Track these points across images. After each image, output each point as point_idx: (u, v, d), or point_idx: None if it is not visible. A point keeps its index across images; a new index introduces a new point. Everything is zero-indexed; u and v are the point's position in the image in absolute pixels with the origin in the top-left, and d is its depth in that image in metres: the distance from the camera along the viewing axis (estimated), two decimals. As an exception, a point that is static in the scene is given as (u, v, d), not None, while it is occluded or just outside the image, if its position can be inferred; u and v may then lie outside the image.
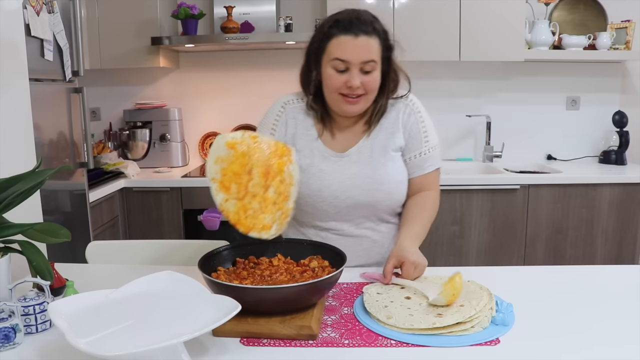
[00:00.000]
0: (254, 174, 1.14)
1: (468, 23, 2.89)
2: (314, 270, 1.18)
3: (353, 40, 1.29)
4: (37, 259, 1.04)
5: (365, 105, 1.36)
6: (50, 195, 2.09)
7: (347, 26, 1.29)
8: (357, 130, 1.42)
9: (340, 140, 1.42)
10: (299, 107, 1.45)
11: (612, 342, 0.97)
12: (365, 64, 1.29)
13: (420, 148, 1.42)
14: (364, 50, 1.29)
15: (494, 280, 1.20)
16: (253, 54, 3.32)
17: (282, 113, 1.45)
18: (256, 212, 1.15)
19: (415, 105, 1.43)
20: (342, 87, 1.31)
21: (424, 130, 1.42)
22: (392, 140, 1.40)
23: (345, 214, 1.39)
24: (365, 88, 1.32)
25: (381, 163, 1.38)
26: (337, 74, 1.31)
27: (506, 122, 3.31)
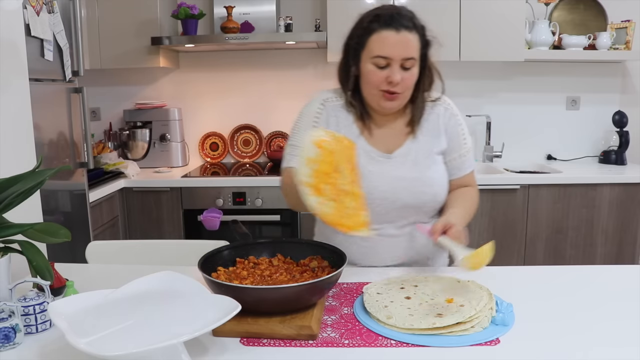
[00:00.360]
0: (341, 170, 1.10)
1: (468, 23, 2.89)
2: (313, 270, 1.18)
3: (395, 35, 1.28)
4: (37, 259, 1.04)
5: (403, 102, 1.36)
6: (50, 195, 2.09)
7: (388, 21, 1.28)
8: (399, 130, 1.42)
9: (382, 139, 1.41)
10: (339, 105, 1.43)
11: (612, 342, 0.97)
12: (406, 60, 1.29)
13: (459, 150, 1.44)
14: (406, 46, 1.29)
15: (494, 280, 1.20)
16: (253, 54, 3.32)
17: (323, 110, 1.42)
18: (354, 210, 1.11)
19: (453, 109, 1.45)
20: (382, 83, 1.31)
21: (463, 132, 1.44)
22: (436, 144, 1.41)
23: (391, 216, 1.38)
24: (404, 85, 1.31)
25: (426, 166, 1.38)
26: (378, 70, 1.30)
27: (506, 122, 3.31)
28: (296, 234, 2.86)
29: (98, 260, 1.59)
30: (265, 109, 3.37)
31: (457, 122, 1.44)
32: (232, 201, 2.83)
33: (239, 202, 2.83)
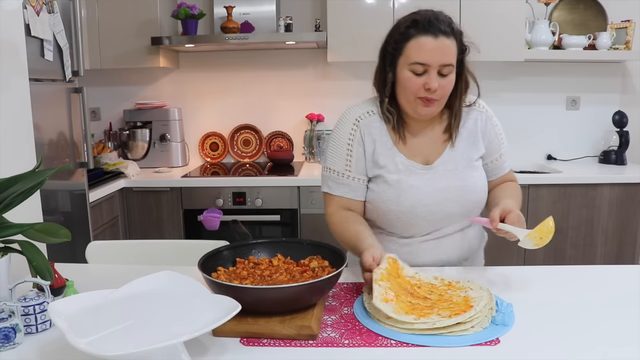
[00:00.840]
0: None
1: (468, 23, 2.87)
2: (314, 270, 1.18)
3: (433, 41, 1.26)
4: (37, 259, 1.04)
5: (439, 108, 1.34)
6: (50, 195, 2.09)
7: (426, 26, 1.26)
8: (436, 138, 1.40)
9: (418, 149, 1.39)
10: (372, 120, 1.39)
11: (612, 342, 0.97)
12: (443, 67, 1.27)
13: (499, 151, 1.45)
14: (443, 52, 1.26)
15: (494, 280, 1.20)
16: (253, 54, 3.32)
17: (356, 130, 1.38)
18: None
19: (488, 112, 1.45)
20: (420, 90, 1.28)
21: (500, 133, 1.45)
22: (474, 151, 1.40)
23: (436, 225, 1.38)
24: (441, 91, 1.29)
25: (467, 174, 1.38)
26: (415, 76, 1.28)
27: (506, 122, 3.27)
28: (296, 234, 2.86)
29: (98, 260, 1.59)
30: (265, 109, 3.37)
31: (493, 124, 1.44)
32: (232, 201, 2.83)
33: (239, 202, 2.83)
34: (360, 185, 1.40)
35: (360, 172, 1.39)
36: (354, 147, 1.38)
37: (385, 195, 1.36)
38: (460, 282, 1.18)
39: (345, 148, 1.39)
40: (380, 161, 1.37)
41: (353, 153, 1.38)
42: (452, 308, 1.04)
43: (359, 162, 1.39)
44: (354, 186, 1.39)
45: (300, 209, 2.83)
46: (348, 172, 1.39)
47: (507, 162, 1.48)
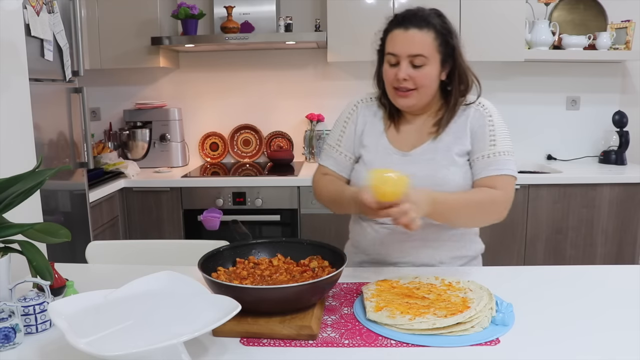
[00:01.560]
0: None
1: (468, 23, 2.89)
2: (314, 270, 1.18)
3: (403, 33, 1.32)
4: (37, 259, 1.04)
5: (417, 100, 1.36)
6: (50, 195, 2.09)
7: (400, 20, 1.33)
8: (424, 130, 1.42)
9: (406, 138, 1.43)
10: (371, 105, 1.48)
11: (612, 342, 0.97)
12: (414, 57, 1.31)
13: (484, 150, 1.36)
14: (412, 43, 1.31)
15: (494, 280, 1.21)
16: (253, 54, 3.32)
17: (355, 111, 1.49)
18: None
19: (486, 110, 1.40)
20: (393, 81, 1.34)
21: (492, 134, 1.37)
22: (457, 145, 1.38)
23: None
24: (415, 82, 1.33)
25: (442, 165, 1.37)
26: (390, 67, 1.35)
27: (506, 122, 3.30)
28: (296, 234, 2.86)
29: (98, 260, 1.59)
30: (265, 109, 3.37)
31: (487, 122, 1.38)
32: (232, 201, 2.83)
33: (239, 202, 2.83)
34: (346, 161, 1.48)
35: (348, 149, 1.48)
36: (348, 125, 1.49)
37: (360, 174, 1.42)
38: (460, 283, 1.18)
39: (342, 125, 1.50)
40: (365, 141, 1.45)
41: (346, 130, 1.49)
42: (449, 308, 1.04)
43: (349, 140, 1.48)
44: (340, 160, 1.48)
45: (300, 209, 2.83)
46: (338, 146, 1.49)
47: (494, 165, 1.34)
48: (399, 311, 1.04)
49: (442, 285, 1.18)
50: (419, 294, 1.13)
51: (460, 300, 1.07)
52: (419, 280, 1.21)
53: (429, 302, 1.08)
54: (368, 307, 1.08)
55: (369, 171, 1.21)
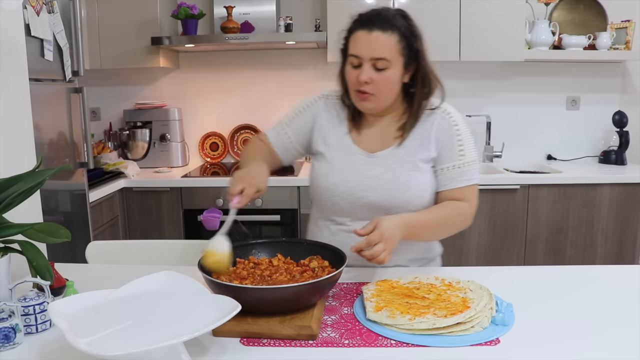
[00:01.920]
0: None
1: (468, 23, 2.89)
2: (313, 270, 1.18)
3: (366, 35, 1.29)
4: (37, 259, 1.04)
5: (378, 104, 1.35)
6: (50, 195, 2.09)
7: (364, 21, 1.31)
8: (389, 133, 1.41)
9: (370, 140, 1.42)
10: (335, 103, 1.47)
11: (612, 342, 0.98)
12: (376, 60, 1.29)
13: (453, 161, 1.36)
14: (375, 46, 1.28)
15: (494, 280, 1.20)
16: (253, 54, 3.32)
17: (317, 102, 1.48)
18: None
19: (452, 118, 1.38)
20: (355, 83, 1.33)
21: (460, 143, 1.36)
22: (421, 151, 1.37)
23: (358, 212, 1.38)
24: (375, 87, 1.31)
25: (405, 171, 1.36)
26: (352, 69, 1.33)
27: (506, 122, 3.31)
28: (296, 234, 2.85)
29: (98, 260, 1.59)
30: (265, 109, 3.37)
31: (454, 132, 1.37)
32: (232, 201, 2.82)
33: (239, 202, 2.82)
34: (287, 143, 1.48)
35: (294, 132, 1.48)
36: (304, 112, 1.48)
37: (320, 170, 1.43)
38: (460, 283, 1.18)
39: (298, 109, 1.50)
40: (328, 139, 1.43)
41: (300, 116, 1.48)
42: (448, 308, 1.04)
43: (300, 124, 1.48)
44: (282, 139, 1.49)
45: (300, 209, 2.83)
46: (286, 125, 1.49)
47: (463, 176, 1.35)
48: (399, 311, 1.04)
49: (442, 285, 1.18)
50: (419, 294, 1.13)
51: (460, 300, 1.07)
52: (419, 280, 1.21)
53: (429, 302, 1.08)
54: (368, 307, 1.08)
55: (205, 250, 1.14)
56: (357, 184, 1.37)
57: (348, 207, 1.38)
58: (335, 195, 1.38)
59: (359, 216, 1.38)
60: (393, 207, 1.35)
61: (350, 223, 1.39)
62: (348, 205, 1.38)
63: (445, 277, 1.23)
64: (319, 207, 1.47)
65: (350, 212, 1.39)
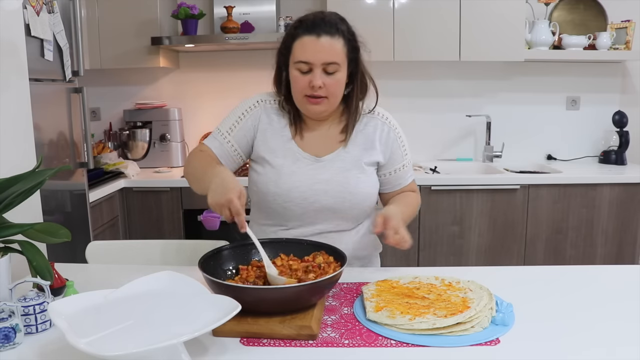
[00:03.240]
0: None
1: (468, 23, 2.89)
2: (320, 266, 1.17)
3: (315, 40, 1.29)
4: (37, 259, 1.04)
5: (329, 107, 1.36)
6: (50, 195, 2.09)
7: (310, 27, 1.31)
8: (332, 137, 1.43)
9: (314, 144, 1.42)
10: (275, 107, 1.45)
11: (612, 342, 0.97)
12: (327, 65, 1.30)
13: (402, 161, 1.46)
14: (326, 51, 1.29)
15: (494, 280, 1.20)
16: (253, 54, 3.32)
17: (256, 107, 1.45)
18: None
19: (392, 123, 1.45)
20: (305, 88, 1.32)
21: (403, 145, 1.46)
22: (366, 156, 1.41)
23: (310, 217, 1.40)
24: (328, 90, 1.32)
25: (353, 174, 1.39)
26: (301, 75, 1.32)
27: (506, 122, 3.31)
28: (296, 234, 2.85)
29: (98, 260, 1.59)
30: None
31: (396, 135, 1.45)
32: (232, 201, 2.82)
33: (239, 202, 2.82)
34: (231, 151, 1.44)
35: (237, 141, 1.44)
36: (244, 119, 1.44)
37: (267, 177, 1.40)
38: (460, 283, 1.18)
39: (237, 116, 1.46)
40: (272, 144, 1.42)
41: (241, 122, 1.44)
42: (449, 308, 1.04)
43: (242, 132, 1.44)
44: (225, 148, 1.44)
45: (300, 209, 2.82)
46: (227, 134, 1.44)
47: (409, 173, 1.49)
48: (399, 311, 1.04)
49: (442, 285, 1.18)
50: (419, 294, 1.13)
51: (460, 300, 1.07)
52: (419, 280, 1.21)
53: (429, 302, 1.08)
54: (368, 307, 1.08)
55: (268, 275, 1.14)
56: (308, 188, 1.37)
57: (299, 211, 1.39)
58: (287, 201, 1.38)
59: (309, 220, 1.40)
60: (343, 210, 1.39)
61: (300, 227, 1.41)
62: (300, 210, 1.39)
63: (445, 277, 1.23)
64: (266, 213, 1.44)
65: (300, 217, 1.40)
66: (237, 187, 1.18)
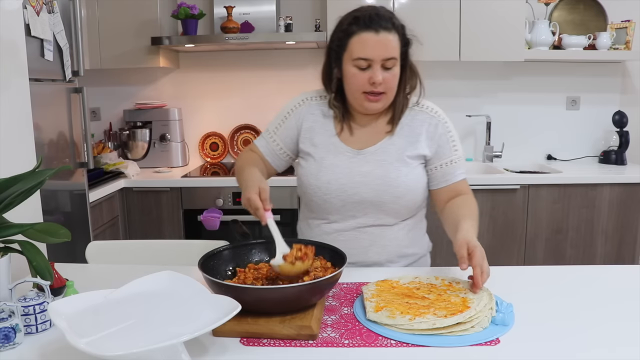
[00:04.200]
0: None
1: (468, 23, 2.89)
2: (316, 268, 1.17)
3: (374, 36, 1.29)
4: (37, 259, 1.04)
5: (387, 102, 1.37)
6: (50, 195, 2.09)
7: (367, 22, 1.30)
8: (378, 129, 1.42)
9: (359, 138, 1.42)
10: (319, 104, 1.46)
11: (612, 342, 0.97)
12: (386, 60, 1.30)
13: (450, 156, 1.42)
14: (385, 46, 1.30)
15: (494, 280, 1.20)
16: (253, 54, 3.32)
17: (300, 106, 1.47)
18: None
19: (441, 116, 1.43)
20: (365, 85, 1.32)
21: (452, 140, 1.42)
22: (410, 149, 1.39)
23: (350, 210, 1.40)
24: (386, 85, 1.32)
25: (394, 167, 1.38)
26: (360, 72, 1.32)
27: (506, 122, 3.31)
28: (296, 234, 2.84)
29: (98, 260, 1.59)
30: (265, 109, 3.36)
31: (446, 130, 1.42)
32: (232, 201, 2.83)
33: (239, 202, 2.83)
34: (277, 150, 1.49)
35: (283, 139, 1.48)
36: (289, 117, 1.47)
37: (309, 170, 1.42)
38: (460, 283, 1.18)
39: (283, 115, 1.48)
40: (316, 139, 1.43)
41: (286, 122, 1.47)
42: (448, 308, 1.04)
43: (287, 131, 1.47)
44: (271, 147, 1.49)
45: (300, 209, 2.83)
46: (274, 133, 1.49)
47: (460, 170, 1.43)
48: (399, 311, 1.04)
49: (442, 285, 1.18)
50: (419, 294, 1.13)
51: (460, 300, 1.07)
52: (419, 280, 1.21)
53: (429, 302, 1.08)
54: (368, 307, 1.08)
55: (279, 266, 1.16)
56: (348, 181, 1.38)
57: (339, 204, 1.39)
58: (326, 194, 1.39)
59: (350, 213, 1.40)
60: (384, 203, 1.38)
61: (341, 220, 1.41)
62: (339, 203, 1.39)
63: (445, 277, 1.23)
64: (309, 207, 1.47)
65: (341, 209, 1.40)
66: (255, 184, 1.26)
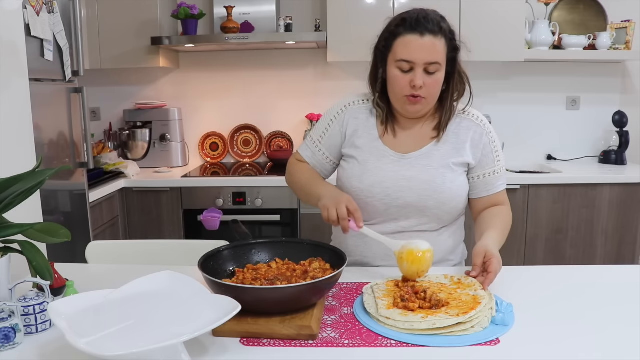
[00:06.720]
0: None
1: (468, 23, 2.89)
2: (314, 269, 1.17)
3: (419, 39, 1.28)
4: (37, 259, 1.04)
5: (427, 107, 1.36)
6: (50, 195, 2.09)
7: (413, 25, 1.29)
8: (424, 134, 1.41)
9: (404, 141, 1.41)
10: (362, 108, 1.46)
11: (612, 342, 0.97)
12: (429, 65, 1.29)
13: (493, 167, 1.42)
14: (429, 50, 1.28)
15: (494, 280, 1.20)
16: (253, 54, 3.32)
17: (343, 112, 1.46)
18: None
19: (486, 126, 1.43)
20: (406, 87, 1.31)
21: (496, 150, 1.42)
22: (456, 155, 1.39)
23: (393, 214, 1.39)
24: (427, 90, 1.31)
25: (440, 172, 1.37)
26: (402, 74, 1.31)
27: (506, 122, 3.31)
28: (296, 234, 2.86)
29: (98, 260, 1.59)
30: (265, 109, 3.37)
31: (490, 139, 1.42)
32: (232, 201, 2.83)
33: (239, 202, 2.83)
34: (322, 159, 1.49)
35: (328, 148, 1.48)
36: (332, 125, 1.47)
37: (352, 172, 1.42)
38: (469, 279, 1.18)
39: (326, 123, 1.48)
40: (358, 143, 1.43)
41: (330, 129, 1.47)
42: (460, 307, 1.04)
43: (331, 139, 1.47)
44: (317, 156, 1.49)
45: (300, 209, 2.83)
46: (319, 142, 1.49)
47: (501, 180, 1.43)
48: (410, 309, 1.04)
49: (452, 284, 1.18)
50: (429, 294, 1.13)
51: (471, 299, 1.07)
52: (429, 280, 1.21)
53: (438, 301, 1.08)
54: (380, 304, 1.07)
55: (402, 246, 1.21)
56: (392, 184, 1.37)
57: (382, 208, 1.38)
58: (369, 197, 1.38)
59: (392, 217, 1.39)
60: (428, 208, 1.37)
61: (383, 223, 1.40)
62: (383, 207, 1.38)
63: (454, 274, 1.23)
64: None
65: (383, 213, 1.39)
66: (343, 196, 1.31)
